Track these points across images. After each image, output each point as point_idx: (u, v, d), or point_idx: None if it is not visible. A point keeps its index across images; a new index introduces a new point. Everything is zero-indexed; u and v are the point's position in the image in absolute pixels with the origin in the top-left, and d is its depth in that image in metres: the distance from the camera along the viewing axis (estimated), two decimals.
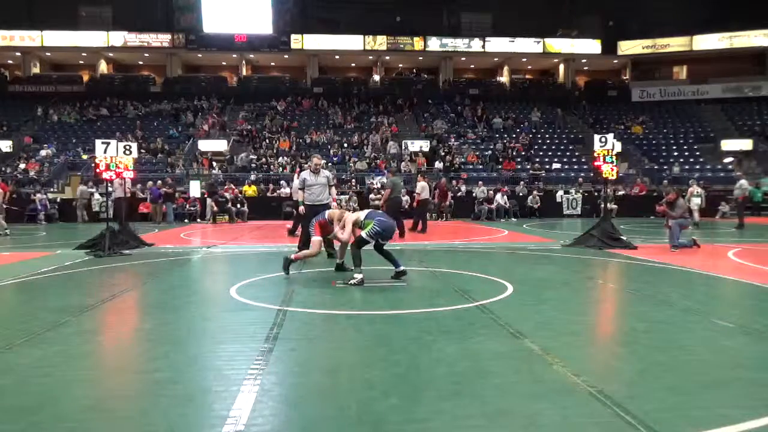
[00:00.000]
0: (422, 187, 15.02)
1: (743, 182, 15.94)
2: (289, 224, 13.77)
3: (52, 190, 21.74)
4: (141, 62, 35.91)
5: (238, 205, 19.78)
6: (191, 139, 27.68)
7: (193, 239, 13.44)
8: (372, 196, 20.31)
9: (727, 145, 27.77)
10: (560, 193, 21.94)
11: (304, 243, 8.43)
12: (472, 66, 36.72)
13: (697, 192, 16.81)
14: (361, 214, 6.94)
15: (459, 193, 21.50)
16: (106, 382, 3.43)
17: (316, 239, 7.20)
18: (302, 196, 8.89)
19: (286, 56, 34.55)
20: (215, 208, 19.29)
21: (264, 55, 34.65)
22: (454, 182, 22.22)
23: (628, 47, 34.46)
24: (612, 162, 10.37)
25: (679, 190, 11.21)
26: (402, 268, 6.78)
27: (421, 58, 35.12)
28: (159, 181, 19.49)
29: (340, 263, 7.38)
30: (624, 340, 4.36)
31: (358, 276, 6.45)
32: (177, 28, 33.42)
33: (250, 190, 21.73)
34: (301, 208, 8.89)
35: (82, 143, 26.79)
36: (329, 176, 9.13)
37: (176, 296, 6.15)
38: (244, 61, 35.26)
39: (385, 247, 6.96)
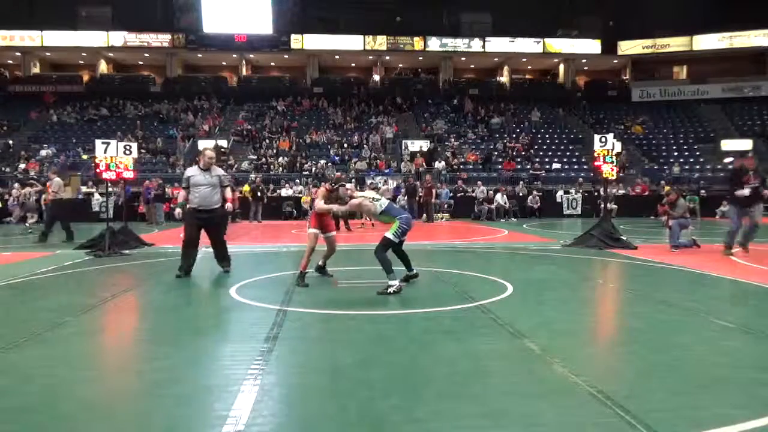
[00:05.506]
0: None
1: None
2: (291, 224, 13.73)
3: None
4: (141, 62, 35.88)
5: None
6: (191, 138, 27.66)
7: None
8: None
9: (727, 145, 27.76)
10: (560, 193, 21.94)
11: (186, 244, 7.28)
12: (472, 66, 36.68)
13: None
14: (376, 203, 6.17)
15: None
16: (106, 382, 3.42)
17: (311, 231, 6.68)
18: (184, 196, 7.41)
19: (286, 56, 34.54)
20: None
21: (264, 55, 34.64)
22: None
23: (628, 47, 34.45)
24: (612, 162, 10.38)
25: (679, 191, 11.23)
26: (415, 271, 6.55)
27: (421, 58, 35.10)
28: (147, 181, 19.41)
29: (322, 265, 7.05)
30: (624, 340, 4.37)
31: (394, 282, 5.85)
32: (177, 28, 33.43)
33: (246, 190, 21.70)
34: (177, 211, 7.64)
35: (82, 143, 26.79)
36: (222, 175, 7.57)
37: (176, 296, 6.15)
38: (244, 61, 35.24)
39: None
